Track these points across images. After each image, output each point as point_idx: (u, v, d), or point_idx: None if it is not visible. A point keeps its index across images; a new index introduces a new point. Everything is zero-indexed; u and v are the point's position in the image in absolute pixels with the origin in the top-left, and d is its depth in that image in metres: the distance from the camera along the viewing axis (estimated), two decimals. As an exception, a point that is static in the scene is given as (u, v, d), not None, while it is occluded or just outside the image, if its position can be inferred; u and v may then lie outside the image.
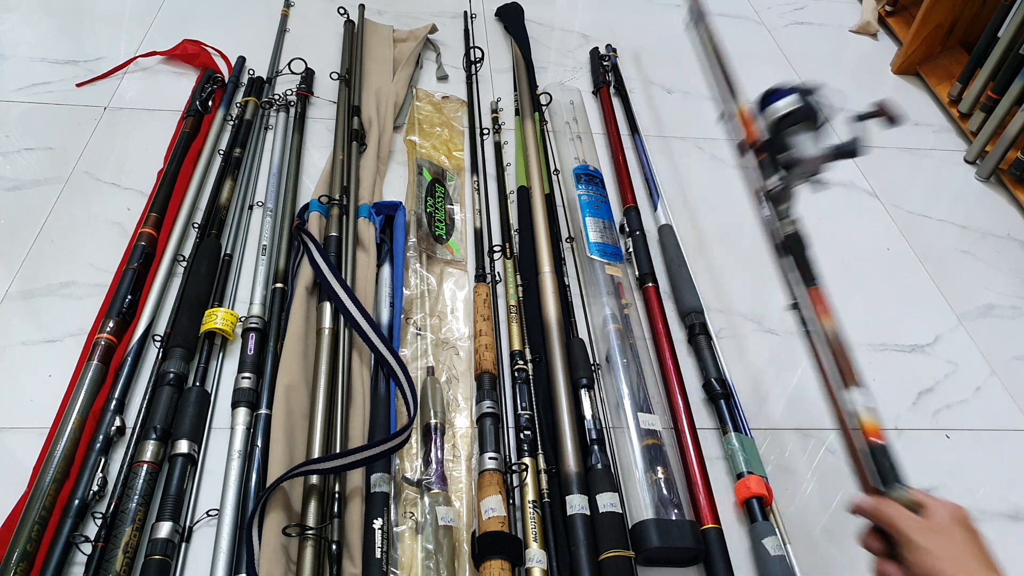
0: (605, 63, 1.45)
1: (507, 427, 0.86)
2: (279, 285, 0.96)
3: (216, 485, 0.78)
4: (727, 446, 0.87)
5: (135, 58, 1.33)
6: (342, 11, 1.45)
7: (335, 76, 1.31)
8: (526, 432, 0.83)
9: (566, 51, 1.52)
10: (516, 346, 0.93)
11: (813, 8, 1.75)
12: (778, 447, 0.90)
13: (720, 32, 1.64)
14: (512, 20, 1.52)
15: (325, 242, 1.00)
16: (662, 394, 0.91)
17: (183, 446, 0.78)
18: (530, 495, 0.77)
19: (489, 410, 0.84)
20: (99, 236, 1.03)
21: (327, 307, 0.92)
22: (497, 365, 0.91)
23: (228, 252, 1.01)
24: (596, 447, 0.82)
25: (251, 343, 0.89)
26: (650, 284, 1.03)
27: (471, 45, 1.44)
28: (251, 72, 1.31)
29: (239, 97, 1.27)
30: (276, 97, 1.26)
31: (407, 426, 0.78)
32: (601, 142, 1.30)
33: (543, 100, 1.32)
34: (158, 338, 0.90)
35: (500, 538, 0.72)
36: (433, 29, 1.47)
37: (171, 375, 0.84)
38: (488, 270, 1.03)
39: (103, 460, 0.77)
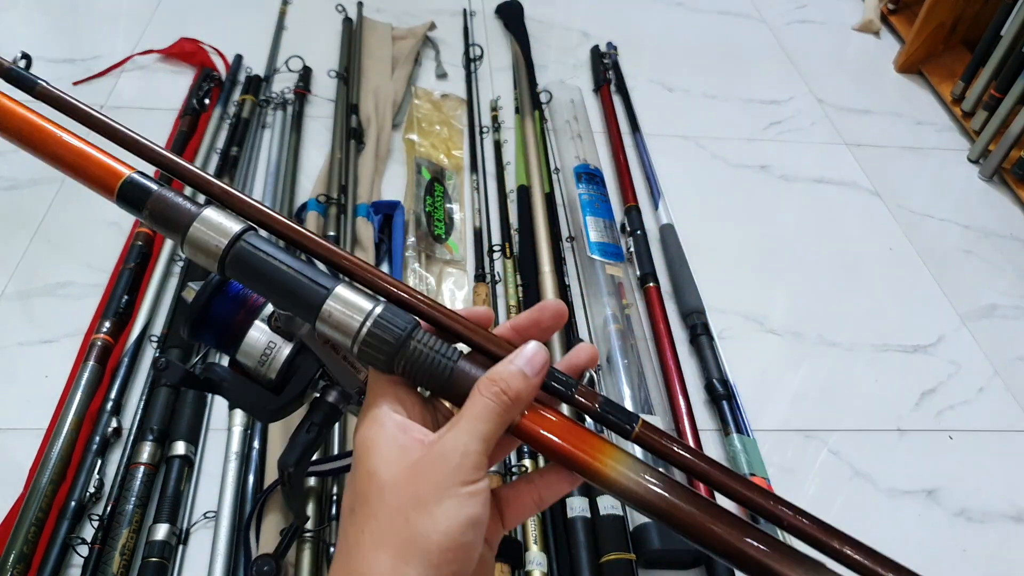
0: (606, 61, 1.44)
1: (507, 428, 0.85)
2: (277, 285, 0.95)
3: (213, 487, 0.77)
4: (729, 448, 0.86)
5: (132, 56, 1.33)
6: (340, 8, 1.44)
7: (333, 74, 1.30)
8: (526, 433, 0.82)
9: (566, 49, 1.51)
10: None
11: (815, 6, 1.74)
12: (780, 449, 0.89)
13: (720, 30, 1.64)
14: (512, 17, 1.52)
15: (324, 241, 1.00)
16: (664, 395, 0.90)
17: (180, 447, 0.77)
18: (530, 497, 0.77)
19: (489, 411, 0.83)
20: (96, 236, 1.02)
21: (326, 307, 0.91)
22: (497, 366, 0.90)
23: (226, 252, 1.00)
24: (597, 448, 0.81)
25: (249, 343, 0.88)
26: (651, 284, 1.02)
27: (470, 43, 1.43)
28: (248, 70, 1.31)
29: (236, 95, 1.26)
30: (273, 95, 1.25)
31: (406, 428, 0.77)
32: (602, 140, 1.29)
33: (543, 98, 1.31)
34: (155, 338, 0.89)
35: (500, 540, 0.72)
36: (432, 27, 1.46)
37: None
38: (488, 270, 1.02)
39: (100, 462, 0.77)
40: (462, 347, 0.33)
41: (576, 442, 0.30)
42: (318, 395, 0.37)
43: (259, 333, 0.35)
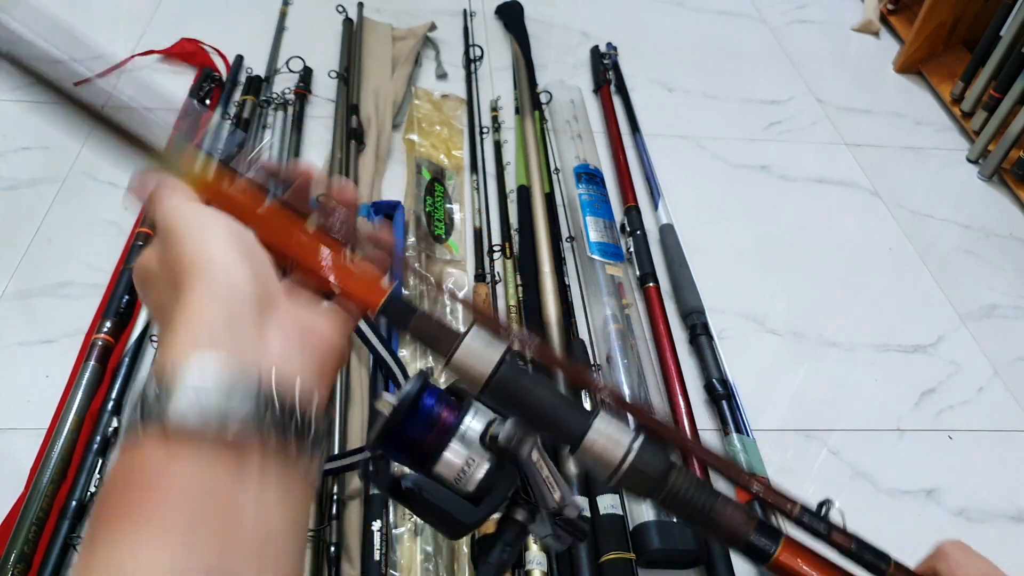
0: (606, 61, 1.44)
1: (507, 428, 0.85)
2: (278, 285, 0.96)
3: (214, 487, 0.77)
4: (729, 447, 0.87)
5: (132, 57, 1.33)
6: (340, 9, 1.44)
7: (333, 74, 1.30)
8: (526, 433, 0.83)
9: (566, 49, 1.51)
10: (515, 347, 0.92)
11: (815, 6, 1.74)
12: (780, 448, 0.89)
13: (720, 30, 1.64)
14: (512, 18, 1.52)
15: (324, 242, 1.00)
16: (663, 395, 0.90)
17: (181, 447, 0.77)
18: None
19: (489, 411, 0.84)
20: (96, 236, 1.03)
21: (326, 307, 0.92)
22: (497, 366, 0.90)
23: (226, 252, 1.00)
24: (597, 448, 0.82)
25: (249, 343, 0.88)
26: (651, 284, 1.02)
27: (470, 43, 1.43)
28: (249, 70, 1.31)
29: (237, 96, 1.26)
30: (274, 96, 1.26)
31: (406, 427, 0.77)
32: (602, 141, 1.29)
33: (543, 98, 1.31)
34: (155, 338, 0.89)
35: (500, 540, 0.72)
36: (432, 27, 1.46)
37: (169, 376, 0.83)
38: (488, 270, 1.02)
39: (100, 461, 0.77)
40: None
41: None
42: (503, 513, 0.38)
43: (454, 453, 0.35)
